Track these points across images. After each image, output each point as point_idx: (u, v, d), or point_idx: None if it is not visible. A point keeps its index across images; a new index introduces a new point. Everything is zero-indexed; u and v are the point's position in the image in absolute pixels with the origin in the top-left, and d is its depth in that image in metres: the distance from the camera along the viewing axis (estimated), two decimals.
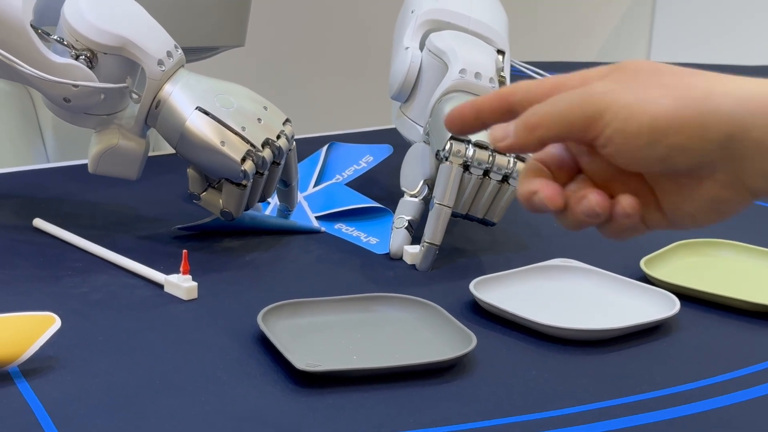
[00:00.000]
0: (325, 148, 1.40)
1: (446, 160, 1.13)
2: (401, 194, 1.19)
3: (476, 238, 1.23)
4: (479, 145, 1.13)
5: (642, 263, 1.10)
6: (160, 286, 1.04)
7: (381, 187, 1.33)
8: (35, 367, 0.85)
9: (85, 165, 1.18)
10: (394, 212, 1.20)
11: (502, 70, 1.27)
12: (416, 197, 1.18)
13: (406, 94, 1.27)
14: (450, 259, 1.16)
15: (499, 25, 1.30)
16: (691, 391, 0.89)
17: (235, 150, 1.09)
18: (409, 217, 1.17)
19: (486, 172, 1.14)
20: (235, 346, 0.92)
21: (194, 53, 1.30)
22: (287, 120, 1.17)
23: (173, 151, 1.15)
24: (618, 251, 1.18)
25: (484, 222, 1.18)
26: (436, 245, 1.13)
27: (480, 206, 1.16)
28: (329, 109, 2.44)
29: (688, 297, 1.05)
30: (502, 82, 1.27)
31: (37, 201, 1.29)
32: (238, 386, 0.85)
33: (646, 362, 0.94)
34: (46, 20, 1.12)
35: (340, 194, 1.28)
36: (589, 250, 1.17)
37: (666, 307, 1.00)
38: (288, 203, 1.23)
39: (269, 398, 0.83)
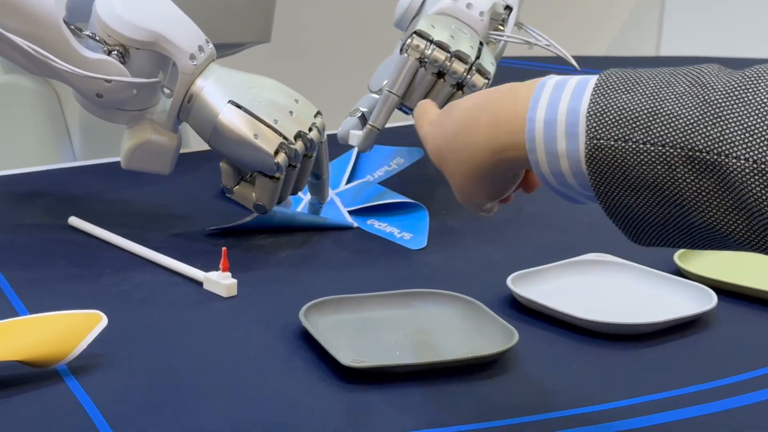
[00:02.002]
0: (356, 148, 1.40)
1: (405, 52, 1.20)
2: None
3: (508, 234, 1.23)
4: (440, 46, 1.19)
5: (676, 257, 1.10)
6: (199, 284, 1.04)
7: (411, 189, 1.33)
8: (83, 365, 0.86)
9: (115, 163, 1.18)
10: (427, 209, 1.22)
11: (503, 22, 1.32)
12: (377, 95, 1.25)
13: (407, 23, 1.31)
14: (483, 255, 1.16)
15: None
16: (731, 385, 0.89)
17: (268, 143, 1.10)
18: (364, 109, 1.26)
19: (441, 75, 1.20)
20: (278, 343, 0.93)
21: (220, 50, 1.29)
22: (318, 112, 1.17)
23: (200, 149, 1.15)
24: None
25: None
26: (377, 128, 1.21)
27: None
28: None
29: (723, 291, 1.05)
30: (498, 29, 1.33)
31: (68, 199, 1.30)
32: (283, 382, 0.86)
33: (685, 356, 0.94)
34: (79, 16, 1.12)
35: (372, 191, 1.29)
36: (620, 245, 1.16)
37: (703, 301, 1.00)
38: (319, 196, 1.24)
39: (316, 394, 0.84)
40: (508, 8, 1.33)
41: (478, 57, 1.21)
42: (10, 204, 1.28)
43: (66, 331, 0.86)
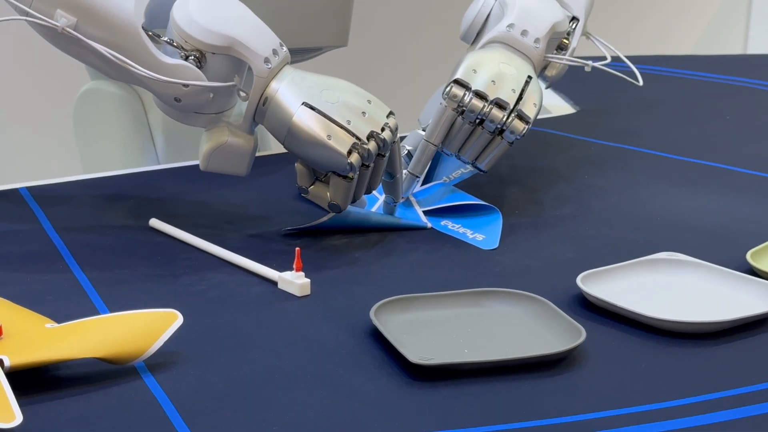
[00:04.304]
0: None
1: (444, 100, 1.23)
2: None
3: (581, 233, 1.24)
4: (479, 95, 1.22)
5: (748, 256, 1.10)
6: (274, 283, 1.07)
7: (485, 191, 1.34)
8: (159, 362, 0.89)
9: (195, 166, 1.21)
10: (500, 210, 1.24)
11: (568, 35, 1.32)
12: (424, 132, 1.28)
13: (472, 37, 1.35)
14: (555, 254, 1.17)
15: None
16: None
17: (341, 143, 1.12)
18: (410, 147, 1.31)
19: (481, 122, 1.22)
20: (349, 341, 0.95)
21: (298, 54, 1.32)
22: (391, 113, 1.19)
23: (277, 152, 1.17)
24: (722, 244, 1.18)
25: (474, 166, 1.27)
26: (415, 175, 1.27)
27: (470, 151, 1.25)
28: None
29: None
30: (562, 47, 1.35)
31: (150, 202, 1.33)
32: (354, 379, 0.88)
33: (756, 354, 0.94)
34: (157, 23, 1.16)
35: (447, 192, 1.30)
36: (693, 244, 1.17)
37: None
38: (393, 195, 1.25)
39: (385, 391, 0.86)
40: (575, 19, 1.34)
41: (521, 97, 1.23)
42: (93, 207, 1.32)
43: (143, 329, 0.88)
